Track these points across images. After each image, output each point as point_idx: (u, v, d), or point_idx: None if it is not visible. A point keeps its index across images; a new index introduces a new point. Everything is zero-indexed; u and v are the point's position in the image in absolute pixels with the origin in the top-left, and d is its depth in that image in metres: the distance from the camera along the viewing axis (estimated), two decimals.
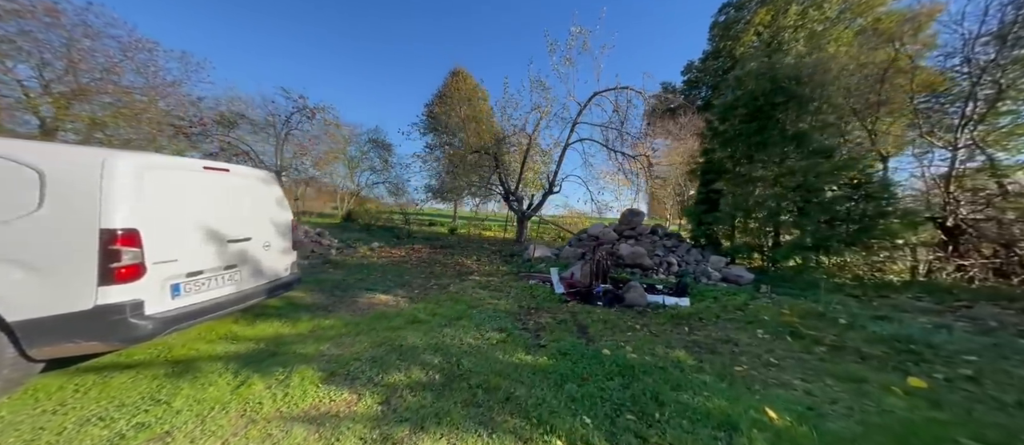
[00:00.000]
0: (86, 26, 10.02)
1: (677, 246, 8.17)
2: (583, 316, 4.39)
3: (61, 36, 9.46)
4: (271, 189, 3.37)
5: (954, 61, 7.12)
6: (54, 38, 9.45)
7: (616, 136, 11.88)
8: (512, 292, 5.45)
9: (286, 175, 15.77)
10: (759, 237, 7.85)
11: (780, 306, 4.59)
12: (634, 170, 11.84)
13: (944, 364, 2.97)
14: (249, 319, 3.40)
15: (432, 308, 3.94)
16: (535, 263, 7.93)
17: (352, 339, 3.04)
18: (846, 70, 7.64)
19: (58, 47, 9.45)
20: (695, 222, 8.85)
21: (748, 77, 8.17)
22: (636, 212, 9.22)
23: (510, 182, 13.10)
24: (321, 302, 4.08)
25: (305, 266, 6.20)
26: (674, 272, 7.03)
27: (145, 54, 10.92)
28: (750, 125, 7.65)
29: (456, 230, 17.02)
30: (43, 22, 9.23)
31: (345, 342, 2.99)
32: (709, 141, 9.21)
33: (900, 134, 8.17)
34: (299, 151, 14.97)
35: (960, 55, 7.03)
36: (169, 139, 10.80)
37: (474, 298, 4.72)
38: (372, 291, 4.55)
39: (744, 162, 8.14)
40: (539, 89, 12.16)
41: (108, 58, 10.35)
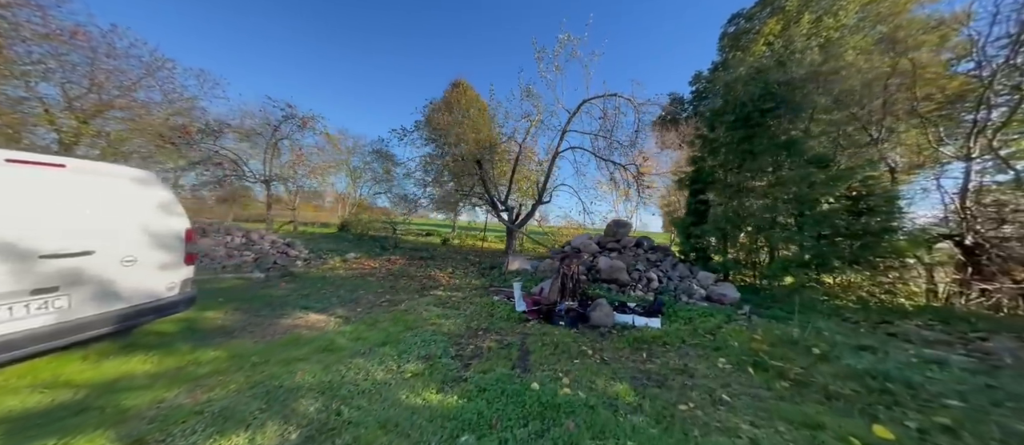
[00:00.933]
0: (110, 47, 10.75)
1: (662, 260, 7.65)
2: (535, 339, 3.99)
3: (86, 57, 10.15)
4: (149, 192, 2.82)
5: (969, 66, 6.55)
6: (79, 59, 10.12)
7: (606, 144, 11.56)
8: (470, 310, 5.09)
9: (284, 185, 16.02)
10: (750, 252, 7.25)
11: (754, 330, 4.07)
12: (626, 179, 11.43)
13: (921, 409, 2.46)
14: (101, 354, 2.77)
15: (361, 331, 3.60)
16: (510, 277, 7.55)
17: (223, 379, 2.54)
18: (848, 76, 7.13)
19: (82, 67, 10.11)
20: (683, 235, 8.30)
21: (737, 82, 7.76)
22: (622, 223, 8.76)
23: (500, 192, 12.84)
24: (232, 325, 3.62)
25: (258, 282, 6.02)
26: (653, 289, 6.52)
27: (164, 72, 11.61)
28: (739, 132, 7.18)
29: (448, 241, 16.81)
30: (70, 44, 9.89)
31: (209, 384, 2.46)
32: (699, 149, 8.75)
33: (911, 144, 7.54)
34: (294, 161, 15.21)
35: (972, 58, 6.46)
36: (156, 148, 11.11)
37: (420, 317, 4.37)
38: (307, 310, 4.25)
39: (734, 171, 7.64)
40: (528, 97, 12.02)
41: (131, 77, 11.04)
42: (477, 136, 11.73)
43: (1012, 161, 6.16)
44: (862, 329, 4.63)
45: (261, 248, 7.58)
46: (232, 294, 4.86)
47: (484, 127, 12.38)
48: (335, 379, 2.56)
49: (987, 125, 6.23)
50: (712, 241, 7.79)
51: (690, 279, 6.92)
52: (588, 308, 5.16)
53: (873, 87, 6.99)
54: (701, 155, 8.50)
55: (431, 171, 10.70)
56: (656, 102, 10.53)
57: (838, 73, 7.10)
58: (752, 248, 7.26)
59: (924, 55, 6.84)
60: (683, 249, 8.31)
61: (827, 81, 7.12)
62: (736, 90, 7.61)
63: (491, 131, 12.70)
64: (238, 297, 4.65)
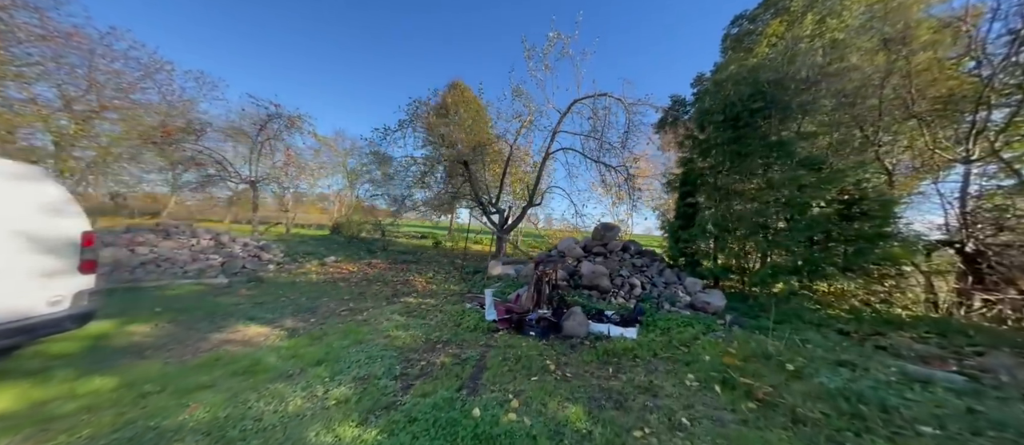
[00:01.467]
0: (108, 48, 10.76)
1: (648, 265, 7.34)
2: (498, 352, 3.71)
3: (84, 59, 10.17)
4: (28, 189, 2.45)
5: (970, 65, 6.23)
6: (77, 60, 10.17)
7: (597, 146, 11.29)
8: (436, 319, 4.81)
9: (276, 186, 15.80)
10: (740, 258, 6.94)
11: (730, 343, 3.77)
12: (618, 181, 11.15)
13: (892, 437, 2.16)
14: None
15: (301, 346, 3.31)
16: (490, 282, 7.27)
17: (88, 418, 2.09)
18: (848, 76, 6.80)
19: (81, 69, 10.13)
20: (672, 239, 7.99)
21: (727, 81, 7.46)
22: (609, 227, 8.47)
23: (490, 193, 12.57)
24: (151, 342, 3.19)
25: (218, 288, 5.76)
26: (636, 296, 6.21)
27: (163, 74, 11.65)
28: (728, 133, 6.88)
29: (441, 243, 16.55)
30: (68, 46, 9.91)
31: (63, 426, 2.02)
32: (689, 150, 8.45)
33: (909, 146, 7.22)
34: (286, 161, 15.00)
35: (972, 56, 6.14)
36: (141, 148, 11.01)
37: (376, 329, 4.09)
38: (252, 321, 3.97)
39: (724, 173, 7.33)
40: (518, 97, 11.77)
41: (129, 80, 11.08)
42: (472, 137, 11.48)
43: (1016, 164, 5.83)
44: (850, 341, 4.32)
45: (231, 252, 7.33)
46: (177, 303, 4.60)
47: (482, 128, 12.11)
48: (235, 413, 2.20)
49: (987, 126, 5.91)
50: (702, 246, 7.48)
51: (676, 286, 6.61)
52: (562, 317, 4.88)
53: (868, 87, 6.68)
54: (690, 156, 8.21)
55: (412, 173, 10.45)
56: (648, 103, 10.27)
57: (838, 74, 6.79)
58: (742, 253, 6.95)
59: (921, 55, 6.53)
60: (672, 254, 8.00)
61: (827, 79, 6.81)
62: (726, 89, 7.32)
63: (488, 131, 12.44)
64: (182, 306, 4.36)
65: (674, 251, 7.85)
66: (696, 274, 7.00)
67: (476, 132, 11.86)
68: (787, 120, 6.54)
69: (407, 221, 20.01)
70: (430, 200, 11.91)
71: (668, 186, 8.49)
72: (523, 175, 14.01)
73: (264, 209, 17.82)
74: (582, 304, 5.64)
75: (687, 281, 6.74)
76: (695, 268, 7.19)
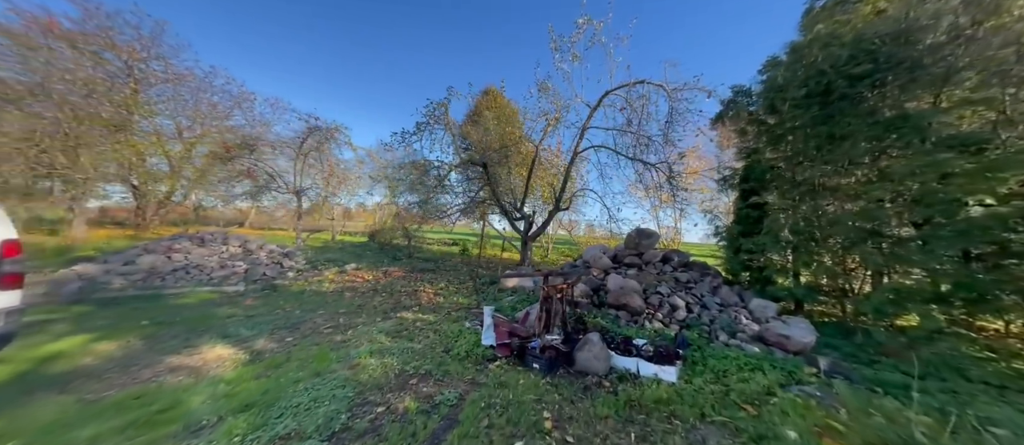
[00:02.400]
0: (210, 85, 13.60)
1: (698, 281, 5.89)
2: (483, 395, 2.91)
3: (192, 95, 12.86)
4: None
5: None
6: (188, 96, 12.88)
7: (633, 141, 9.93)
8: (426, 341, 4.15)
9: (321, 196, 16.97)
10: (837, 276, 5.09)
11: (833, 407, 2.45)
12: (658, 181, 9.65)
13: None
14: None
15: (246, 379, 2.77)
16: (502, 295, 6.47)
17: None
18: None
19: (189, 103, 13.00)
20: (730, 249, 6.38)
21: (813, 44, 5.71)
22: (646, 233, 7.14)
23: (513, 198, 11.85)
24: (100, 365, 2.84)
25: (229, 297, 5.78)
26: (678, 321, 4.89)
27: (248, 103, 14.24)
28: (812, 111, 5.18)
29: (467, 250, 16.25)
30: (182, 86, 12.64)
31: None
32: (752, 138, 6.72)
33: None
34: (327, 174, 16.02)
35: None
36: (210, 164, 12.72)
37: (348, 354, 3.54)
38: (225, 339, 3.65)
39: (806, 164, 5.57)
40: (544, 93, 10.93)
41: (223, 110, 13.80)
42: (501, 141, 10.92)
43: None
44: None
45: (256, 259, 7.59)
46: (176, 313, 4.57)
47: (514, 132, 11.52)
48: None
49: None
50: (774, 258, 5.76)
51: (737, 309, 5.12)
52: (575, 346, 3.89)
53: None
54: (755, 146, 6.49)
55: (431, 176, 10.15)
56: (696, 86, 8.67)
57: None
58: (840, 270, 5.11)
59: None
60: (730, 268, 6.38)
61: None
62: (810, 55, 5.57)
63: (519, 134, 11.83)
64: (175, 318, 4.27)
65: (733, 264, 6.23)
66: (766, 295, 5.37)
67: (507, 136, 11.27)
68: (913, 87, 4.65)
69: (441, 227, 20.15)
70: (447, 205, 11.54)
71: (724, 183, 6.85)
72: (551, 178, 13.05)
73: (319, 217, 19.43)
74: (606, 328, 4.54)
75: (753, 303, 5.20)
76: (765, 287, 5.54)
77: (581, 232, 18.61)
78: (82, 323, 3.87)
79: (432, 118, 9.08)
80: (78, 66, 10.63)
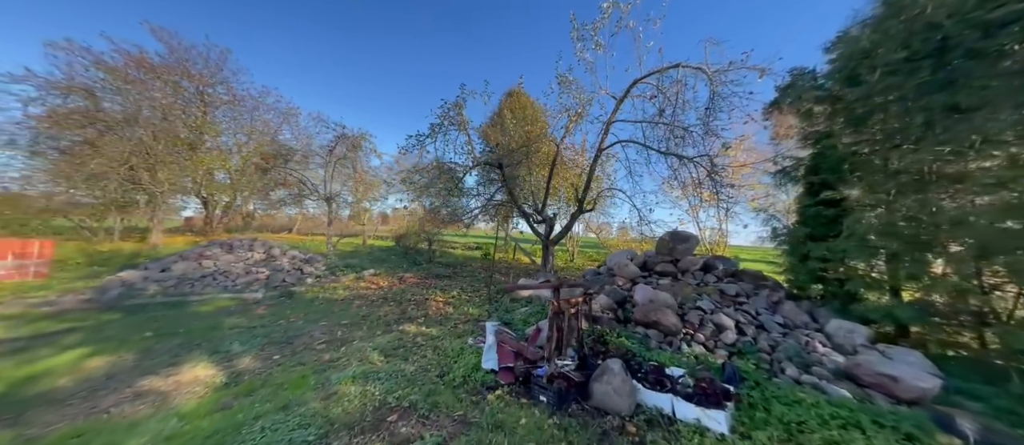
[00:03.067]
0: (263, 103, 15.59)
1: (752, 294, 4.84)
2: (470, 441, 2.39)
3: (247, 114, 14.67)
4: None
5: None
6: (244, 116, 14.55)
7: (666, 133, 8.86)
8: (422, 361, 3.72)
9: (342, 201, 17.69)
10: (967, 293, 3.69)
11: None
12: (696, 177, 8.48)
13: None
14: None
15: (202, 414, 2.46)
16: (515, 305, 5.90)
17: None
18: None
19: (245, 121, 14.76)
20: (794, 255, 5.20)
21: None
22: (683, 236, 6.16)
23: (534, 200, 11.24)
24: (73, 387, 2.66)
25: (245, 304, 5.81)
26: (727, 345, 3.96)
27: (294, 118, 15.98)
28: (921, 78, 3.88)
29: (490, 254, 15.92)
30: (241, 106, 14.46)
31: None
32: (823, 121, 5.39)
33: None
34: (356, 180, 16.64)
35: None
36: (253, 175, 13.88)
37: (328, 380, 3.19)
38: (214, 355, 3.47)
39: (907, 148, 4.21)
40: (565, 87, 10.22)
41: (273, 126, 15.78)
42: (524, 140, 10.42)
43: None
44: None
45: (279, 265, 7.78)
46: (185, 323, 4.60)
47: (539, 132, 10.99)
48: None
49: None
50: (859, 267, 4.46)
51: (808, 333, 4.06)
52: (592, 373, 3.22)
53: None
54: (826, 130, 5.16)
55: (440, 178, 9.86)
56: (745, 65, 7.42)
57: None
58: (972, 286, 3.71)
59: None
60: (795, 279, 5.18)
61: None
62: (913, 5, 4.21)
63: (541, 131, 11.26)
64: (180, 328, 4.27)
65: (800, 274, 5.02)
66: (850, 315, 4.17)
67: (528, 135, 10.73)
68: None
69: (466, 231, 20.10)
70: (463, 209, 11.19)
71: (783, 177, 5.63)
72: (574, 178, 12.22)
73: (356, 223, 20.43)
74: (631, 352, 3.78)
75: (831, 325, 4.08)
76: (848, 304, 4.33)
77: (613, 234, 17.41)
78: (95, 333, 3.99)
79: (446, 119, 8.79)
80: (162, 94, 12.29)
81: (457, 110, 8.85)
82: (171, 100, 12.68)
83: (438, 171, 9.53)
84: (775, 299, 4.78)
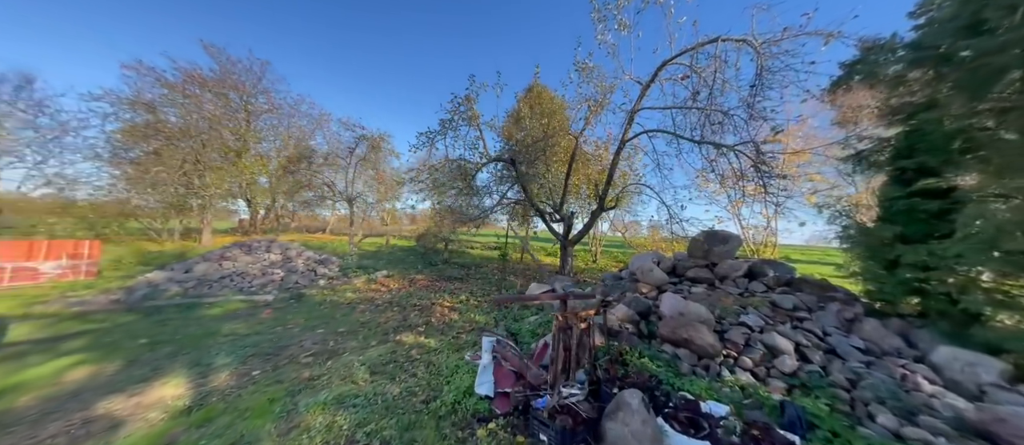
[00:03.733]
0: (298, 111, 16.70)
1: (817, 309, 3.88)
2: None
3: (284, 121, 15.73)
4: None
5: None
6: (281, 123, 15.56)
7: (701, 119, 7.81)
8: (410, 381, 3.30)
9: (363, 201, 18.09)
10: None
11: None
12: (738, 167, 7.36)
13: None
14: None
15: None
16: (524, 314, 5.33)
17: None
18: None
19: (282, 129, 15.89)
20: (877, 260, 4.10)
21: None
22: (721, 236, 5.22)
23: (552, 198, 10.57)
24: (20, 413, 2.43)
25: (256, 305, 5.75)
26: (783, 374, 3.10)
27: (325, 123, 16.78)
28: None
29: (507, 255, 15.46)
30: (279, 115, 15.50)
31: None
32: (921, 89, 4.18)
33: None
34: (378, 179, 16.96)
35: None
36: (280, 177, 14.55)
37: (296, 406, 2.84)
38: (193, 368, 3.28)
39: None
40: (585, 74, 9.45)
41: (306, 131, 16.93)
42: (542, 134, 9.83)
43: None
44: None
45: (293, 266, 7.84)
46: (187, 327, 4.55)
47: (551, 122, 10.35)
48: None
49: None
50: (982, 279, 3.28)
51: (903, 364, 3.09)
52: (605, 409, 2.60)
53: None
54: (926, 100, 3.95)
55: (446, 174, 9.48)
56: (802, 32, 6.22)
57: None
58: None
59: None
60: (878, 289, 4.08)
61: None
62: None
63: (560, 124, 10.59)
64: (175, 336, 4.16)
65: (886, 285, 3.88)
66: (969, 341, 3.09)
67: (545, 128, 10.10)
68: None
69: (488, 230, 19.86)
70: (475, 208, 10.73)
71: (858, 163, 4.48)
72: (596, 175, 11.33)
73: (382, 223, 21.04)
74: (655, 379, 3.09)
75: (940, 354, 3.07)
76: (963, 327, 3.24)
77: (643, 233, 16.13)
78: (97, 339, 4.01)
79: (456, 114, 8.40)
80: (213, 106, 13.46)
81: (467, 104, 8.43)
82: (220, 111, 13.80)
83: (446, 169, 9.17)
84: (849, 316, 3.78)
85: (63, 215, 11.82)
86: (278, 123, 16.25)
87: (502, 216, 14.03)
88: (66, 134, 12.70)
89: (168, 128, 12.66)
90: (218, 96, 13.90)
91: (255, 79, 15.04)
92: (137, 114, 12.74)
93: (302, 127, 16.67)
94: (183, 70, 13.33)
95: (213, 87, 13.78)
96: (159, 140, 12.58)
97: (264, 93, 15.40)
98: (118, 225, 12.77)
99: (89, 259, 7.96)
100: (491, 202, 10.94)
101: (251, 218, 18.26)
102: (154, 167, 12.11)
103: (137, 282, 6.38)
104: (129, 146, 12.61)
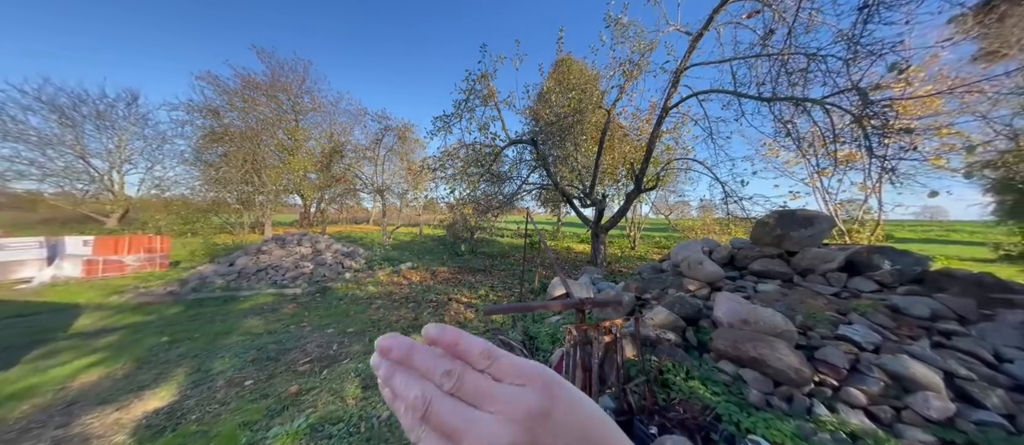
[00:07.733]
0: (338, 108, 17.34)
1: (980, 320, 2.64)
2: None
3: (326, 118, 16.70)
4: None
5: None
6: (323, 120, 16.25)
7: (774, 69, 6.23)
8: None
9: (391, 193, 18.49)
10: None
11: None
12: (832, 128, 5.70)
13: None
14: None
15: None
16: (545, 312, 4.67)
17: None
18: None
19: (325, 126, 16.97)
20: None
21: None
22: (801, 218, 3.95)
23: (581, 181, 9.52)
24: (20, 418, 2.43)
25: (284, 298, 5.84)
26: (927, 418, 2.04)
27: (363, 118, 17.22)
28: None
29: (537, 243, 14.78)
30: (322, 112, 16.07)
31: None
32: None
33: None
34: (406, 169, 17.20)
35: None
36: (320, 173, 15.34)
37: (267, 429, 2.55)
38: (194, 374, 3.20)
39: None
40: (618, 31, 8.14)
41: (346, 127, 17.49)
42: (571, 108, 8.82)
43: None
44: None
45: (322, 259, 8.01)
46: (210, 320, 4.65)
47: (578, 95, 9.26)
48: None
49: None
50: None
51: None
52: None
53: None
54: None
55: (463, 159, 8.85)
56: None
57: None
58: None
59: None
60: None
61: None
62: None
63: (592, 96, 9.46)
64: (195, 334, 4.24)
65: None
66: None
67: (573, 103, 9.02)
68: None
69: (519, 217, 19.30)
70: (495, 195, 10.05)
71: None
72: (632, 152, 9.93)
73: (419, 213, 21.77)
74: (711, 411, 2.27)
75: None
76: None
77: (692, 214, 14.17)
78: (127, 335, 4.23)
79: (471, 93, 7.72)
80: (268, 108, 14.68)
81: (483, 81, 7.68)
82: (272, 113, 14.99)
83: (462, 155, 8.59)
84: None
85: (165, 213, 13.99)
86: (322, 120, 17.20)
87: (530, 202, 13.26)
88: (165, 142, 15.08)
89: (232, 131, 14.00)
90: (270, 98, 14.95)
91: (300, 80, 16.01)
92: (207, 120, 14.27)
93: (343, 123, 17.56)
94: (241, 76, 14.53)
95: (266, 90, 14.88)
96: (225, 143, 13.97)
97: (308, 93, 16.28)
98: (204, 220, 14.72)
99: (161, 252, 8.99)
100: (512, 188, 10.25)
101: (304, 212, 19.85)
102: (222, 168, 13.54)
103: (190, 275, 6.94)
104: (206, 149, 14.34)
